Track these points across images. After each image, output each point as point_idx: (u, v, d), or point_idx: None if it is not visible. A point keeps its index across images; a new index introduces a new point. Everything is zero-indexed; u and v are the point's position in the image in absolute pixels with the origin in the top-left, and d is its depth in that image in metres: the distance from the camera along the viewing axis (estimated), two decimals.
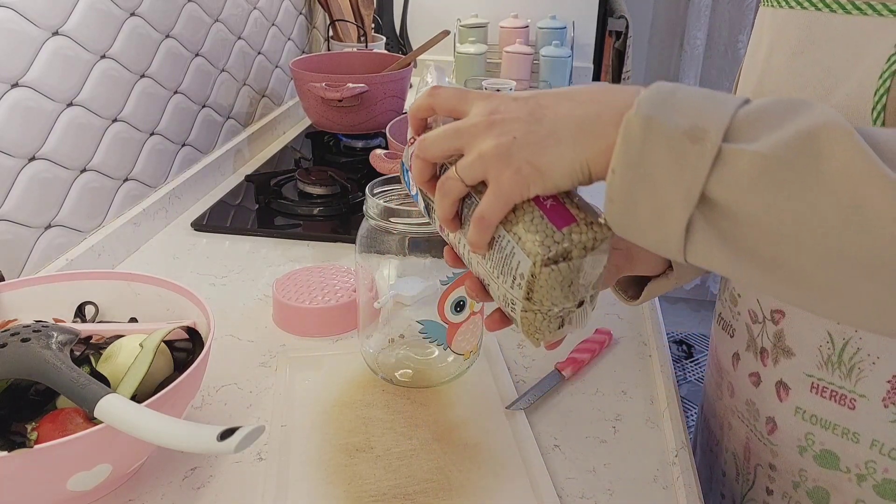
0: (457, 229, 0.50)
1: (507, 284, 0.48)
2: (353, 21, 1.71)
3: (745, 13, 2.49)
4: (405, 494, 0.60)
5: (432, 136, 0.48)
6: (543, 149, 0.43)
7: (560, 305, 0.47)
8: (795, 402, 0.59)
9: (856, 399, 0.55)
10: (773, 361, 0.60)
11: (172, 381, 0.57)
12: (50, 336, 0.58)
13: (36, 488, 0.53)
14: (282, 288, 0.85)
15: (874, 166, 0.36)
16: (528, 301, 0.46)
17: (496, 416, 0.69)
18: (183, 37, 1.13)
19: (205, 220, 1.11)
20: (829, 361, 0.56)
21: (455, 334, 0.70)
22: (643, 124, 0.39)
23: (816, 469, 0.59)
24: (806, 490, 0.60)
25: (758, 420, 0.63)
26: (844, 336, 0.55)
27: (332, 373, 0.76)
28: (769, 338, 0.61)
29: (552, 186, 0.44)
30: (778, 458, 0.62)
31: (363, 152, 1.39)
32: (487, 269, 0.49)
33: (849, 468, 0.57)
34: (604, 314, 0.88)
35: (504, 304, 0.50)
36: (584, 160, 0.43)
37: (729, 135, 0.38)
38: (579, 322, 0.51)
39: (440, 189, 0.48)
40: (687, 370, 2.60)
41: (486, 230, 0.46)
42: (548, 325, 0.48)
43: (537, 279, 0.45)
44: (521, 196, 0.45)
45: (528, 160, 0.43)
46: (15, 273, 0.83)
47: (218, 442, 0.48)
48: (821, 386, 0.57)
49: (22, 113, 0.81)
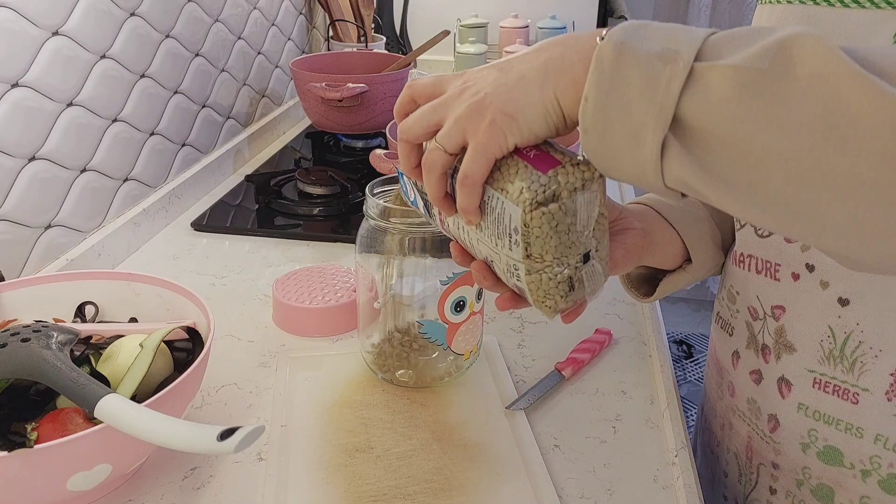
0: (452, 211, 0.50)
1: (507, 249, 0.47)
2: (353, 21, 1.71)
3: (745, 13, 2.49)
4: (405, 494, 0.60)
5: (411, 117, 0.49)
6: (513, 95, 0.44)
7: (561, 258, 0.46)
8: (798, 398, 0.59)
9: (859, 393, 0.55)
10: (775, 358, 0.60)
11: (172, 381, 0.57)
12: (50, 336, 0.58)
13: (36, 488, 0.53)
14: (282, 288, 0.85)
15: (852, 68, 0.34)
16: (529, 259, 0.46)
17: (496, 416, 0.69)
18: (183, 37, 1.13)
19: (205, 220, 1.11)
20: (831, 356, 0.56)
21: (455, 334, 0.70)
22: (615, 49, 0.40)
23: (820, 466, 0.59)
24: (810, 488, 0.60)
25: (759, 418, 0.63)
26: (846, 330, 0.55)
27: (332, 373, 0.76)
28: (770, 334, 0.60)
29: (528, 133, 0.44)
30: (781, 457, 0.62)
31: (363, 152, 1.39)
32: (487, 242, 0.49)
33: (853, 464, 0.57)
34: (604, 314, 0.88)
35: (510, 276, 0.49)
36: (553, 96, 0.43)
37: (701, 55, 0.38)
38: (592, 285, 0.49)
39: (425, 166, 0.48)
40: (687, 370, 2.60)
41: (473, 190, 0.46)
42: (556, 286, 0.47)
43: (530, 228, 0.45)
44: (500, 147, 0.45)
45: (500, 110, 0.44)
46: (15, 273, 0.83)
47: (218, 442, 0.48)
48: (823, 381, 0.57)
49: (22, 113, 0.81)
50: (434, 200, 0.50)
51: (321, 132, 1.43)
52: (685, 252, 0.65)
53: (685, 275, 0.66)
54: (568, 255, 0.46)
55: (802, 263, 0.57)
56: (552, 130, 0.45)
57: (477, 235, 0.50)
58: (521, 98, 0.44)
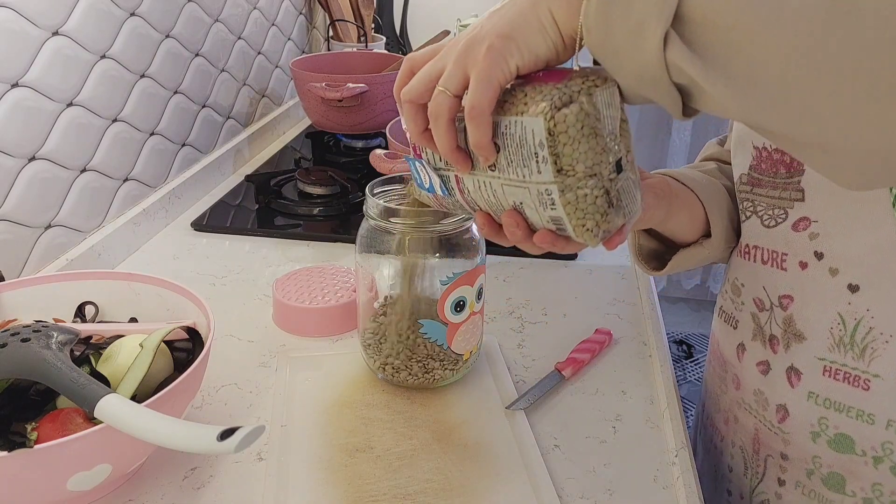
0: (468, 163, 0.49)
1: (535, 174, 0.45)
2: (353, 21, 1.71)
3: None
4: (405, 494, 0.60)
5: (414, 79, 0.49)
6: (507, 19, 0.44)
7: (593, 167, 0.44)
8: (808, 387, 0.59)
9: (870, 380, 0.55)
10: (784, 347, 0.60)
11: (172, 381, 0.57)
12: (50, 336, 0.58)
13: (36, 488, 0.53)
14: (282, 288, 0.85)
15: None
16: (561, 175, 0.44)
17: (496, 416, 0.69)
18: (183, 37, 1.13)
19: (205, 220, 1.11)
20: (842, 343, 0.56)
21: (455, 334, 0.70)
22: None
23: (831, 454, 0.59)
24: (820, 477, 0.60)
25: (767, 409, 0.63)
26: (856, 316, 0.54)
27: (332, 373, 0.76)
28: (778, 324, 0.60)
29: (528, 53, 0.44)
30: (790, 447, 0.62)
31: (363, 152, 1.39)
32: (513, 178, 0.47)
33: (864, 451, 0.56)
34: (604, 314, 0.88)
35: (544, 209, 0.47)
36: (547, 11, 0.43)
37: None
38: (629, 203, 0.47)
39: (432, 115, 0.47)
40: (687, 370, 2.60)
41: (483, 120, 0.45)
42: (594, 203, 0.45)
43: (556, 136, 0.43)
44: (502, 71, 0.44)
45: (496, 33, 0.44)
46: (15, 273, 0.83)
47: (218, 442, 0.48)
48: (833, 369, 0.57)
49: (22, 113, 0.81)
50: (446, 154, 0.49)
51: (321, 132, 1.43)
52: (704, 225, 0.65)
53: (701, 250, 0.65)
54: (599, 164, 0.45)
55: (811, 252, 0.57)
56: (551, 49, 0.45)
57: (501, 180, 0.48)
58: (515, 19, 0.44)
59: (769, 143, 0.60)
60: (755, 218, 0.62)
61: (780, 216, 0.59)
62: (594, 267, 1.00)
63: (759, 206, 0.62)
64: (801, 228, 0.57)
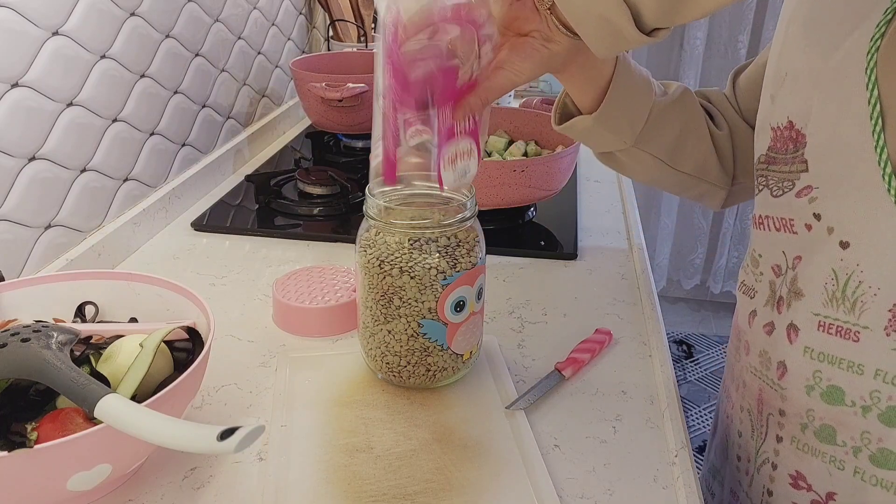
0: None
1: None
2: (353, 21, 1.71)
3: (745, 13, 2.49)
4: (405, 494, 0.60)
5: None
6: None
7: None
8: (804, 342, 0.61)
9: (860, 332, 0.57)
10: (787, 306, 0.62)
11: (172, 381, 0.57)
12: (50, 336, 0.58)
13: (36, 488, 0.53)
14: (282, 288, 0.85)
15: None
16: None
17: (496, 416, 0.69)
18: (183, 37, 1.13)
19: (205, 220, 1.11)
20: (834, 298, 0.58)
21: (455, 334, 0.70)
22: None
23: (823, 407, 0.60)
24: (813, 430, 0.62)
25: (769, 369, 0.65)
26: (847, 271, 0.57)
27: (332, 373, 0.76)
28: (787, 285, 0.62)
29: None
30: (787, 402, 0.63)
31: (363, 152, 1.39)
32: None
33: (854, 401, 0.58)
34: (604, 314, 0.88)
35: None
36: None
37: None
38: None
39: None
40: (687, 370, 2.60)
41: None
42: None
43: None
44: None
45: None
46: (15, 273, 0.83)
47: (218, 442, 0.48)
48: (826, 323, 0.59)
49: (22, 113, 0.81)
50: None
51: (321, 132, 1.43)
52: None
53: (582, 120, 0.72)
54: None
55: (811, 213, 0.59)
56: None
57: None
58: None
59: (783, 123, 0.63)
60: (766, 190, 0.65)
61: (787, 187, 0.62)
62: (594, 267, 1.00)
63: (771, 181, 0.64)
64: (803, 195, 0.60)
